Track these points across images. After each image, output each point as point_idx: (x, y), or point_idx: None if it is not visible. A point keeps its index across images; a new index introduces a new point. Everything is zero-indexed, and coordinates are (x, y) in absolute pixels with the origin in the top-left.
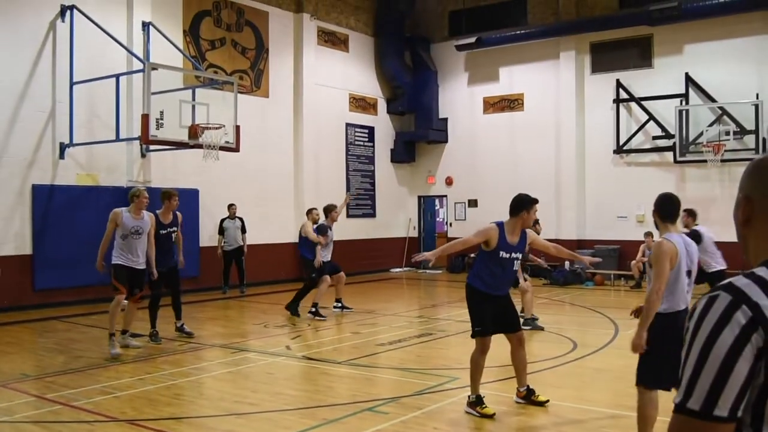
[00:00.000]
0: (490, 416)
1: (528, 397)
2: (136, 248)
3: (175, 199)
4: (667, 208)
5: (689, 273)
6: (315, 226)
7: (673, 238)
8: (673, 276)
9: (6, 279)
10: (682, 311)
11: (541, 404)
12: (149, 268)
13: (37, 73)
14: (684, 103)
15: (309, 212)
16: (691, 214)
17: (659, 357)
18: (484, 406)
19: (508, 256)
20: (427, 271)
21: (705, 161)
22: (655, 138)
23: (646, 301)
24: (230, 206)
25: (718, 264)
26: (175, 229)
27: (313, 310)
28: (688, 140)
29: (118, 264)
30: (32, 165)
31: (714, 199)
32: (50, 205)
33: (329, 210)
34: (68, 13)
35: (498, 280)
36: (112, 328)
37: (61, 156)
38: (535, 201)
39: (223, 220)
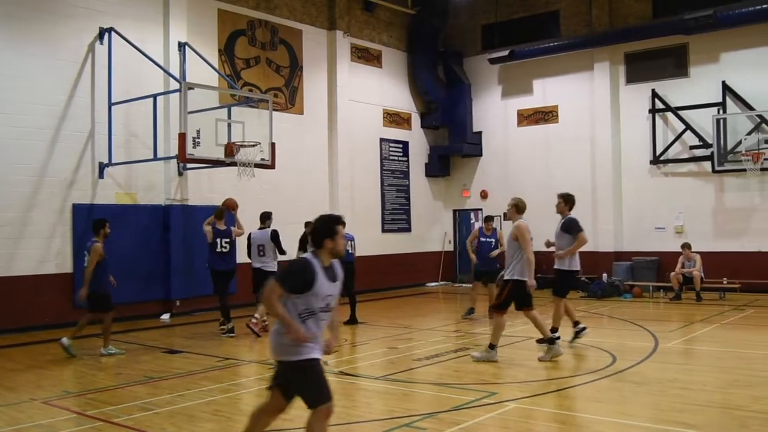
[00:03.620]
0: None
1: None
2: None
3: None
4: None
5: None
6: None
7: None
8: None
9: (47, 297)
10: None
11: None
12: None
13: (76, 94)
14: (721, 111)
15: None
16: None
17: None
18: None
19: None
20: (463, 284)
21: (744, 170)
22: (692, 148)
23: None
24: (308, 223)
25: None
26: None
27: None
28: (726, 149)
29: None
30: (72, 184)
31: (754, 208)
32: (90, 223)
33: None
34: (106, 35)
35: None
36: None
37: (101, 175)
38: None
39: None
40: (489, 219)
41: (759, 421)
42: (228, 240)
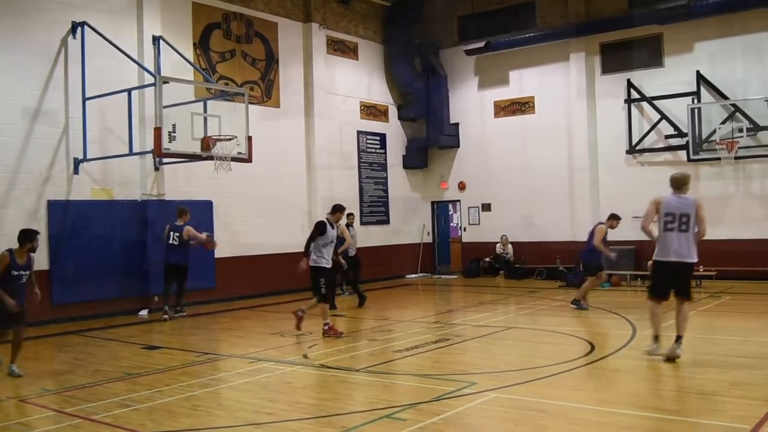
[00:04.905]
0: None
1: None
2: None
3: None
4: None
5: None
6: None
7: None
8: None
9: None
10: None
11: None
12: None
13: (49, 89)
14: (696, 101)
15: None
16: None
17: None
18: None
19: None
20: (442, 276)
21: (719, 159)
22: (667, 137)
23: None
24: (349, 215)
25: None
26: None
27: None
28: (701, 138)
29: None
30: (47, 181)
31: (729, 196)
32: (66, 220)
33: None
34: (79, 29)
35: None
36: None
37: (76, 171)
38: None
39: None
40: (618, 218)
41: (736, 405)
42: (178, 234)
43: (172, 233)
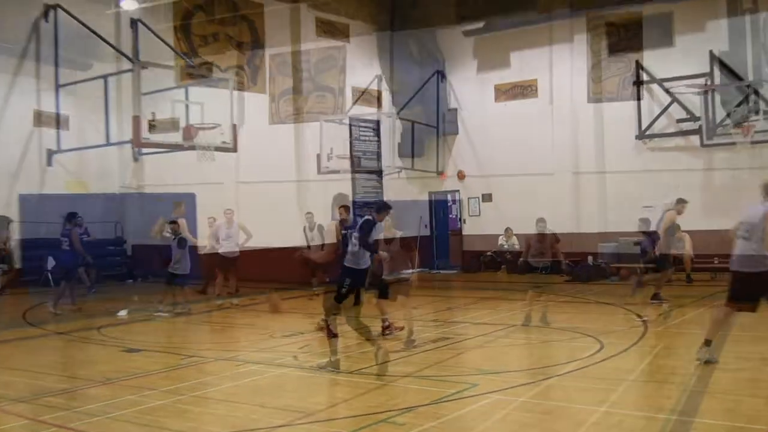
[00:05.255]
0: None
1: None
2: None
3: None
4: None
5: None
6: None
7: None
8: None
9: None
10: None
11: None
12: None
13: (20, 76)
14: (709, 82)
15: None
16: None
17: None
18: None
19: None
20: (441, 271)
21: (734, 144)
22: (679, 121)
23: None
24: (308, 214)
25: None
26: None
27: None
28: (714, 122)
29: None
30: (18, 174)
31: (744, 184)
32: (39, 214)
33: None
34: (52, 12)
35: None
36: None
37: (49, 163)
38: None
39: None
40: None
41: (750, 405)
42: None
43: (167, 226)
